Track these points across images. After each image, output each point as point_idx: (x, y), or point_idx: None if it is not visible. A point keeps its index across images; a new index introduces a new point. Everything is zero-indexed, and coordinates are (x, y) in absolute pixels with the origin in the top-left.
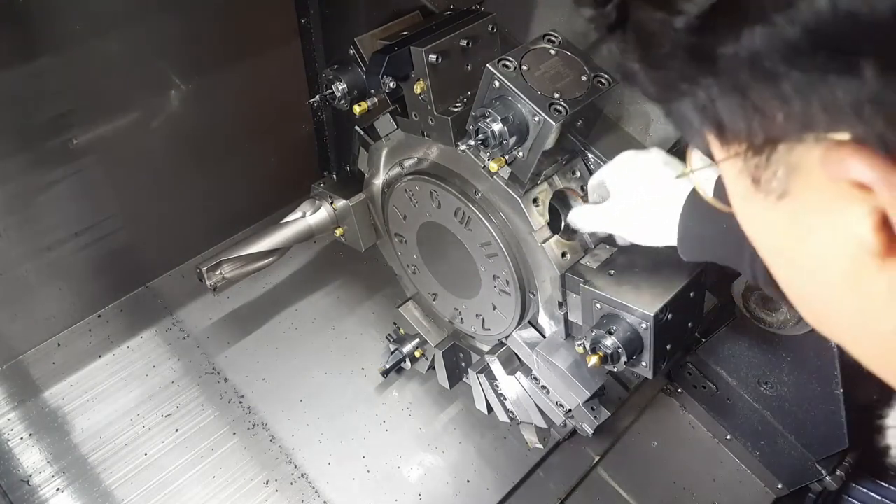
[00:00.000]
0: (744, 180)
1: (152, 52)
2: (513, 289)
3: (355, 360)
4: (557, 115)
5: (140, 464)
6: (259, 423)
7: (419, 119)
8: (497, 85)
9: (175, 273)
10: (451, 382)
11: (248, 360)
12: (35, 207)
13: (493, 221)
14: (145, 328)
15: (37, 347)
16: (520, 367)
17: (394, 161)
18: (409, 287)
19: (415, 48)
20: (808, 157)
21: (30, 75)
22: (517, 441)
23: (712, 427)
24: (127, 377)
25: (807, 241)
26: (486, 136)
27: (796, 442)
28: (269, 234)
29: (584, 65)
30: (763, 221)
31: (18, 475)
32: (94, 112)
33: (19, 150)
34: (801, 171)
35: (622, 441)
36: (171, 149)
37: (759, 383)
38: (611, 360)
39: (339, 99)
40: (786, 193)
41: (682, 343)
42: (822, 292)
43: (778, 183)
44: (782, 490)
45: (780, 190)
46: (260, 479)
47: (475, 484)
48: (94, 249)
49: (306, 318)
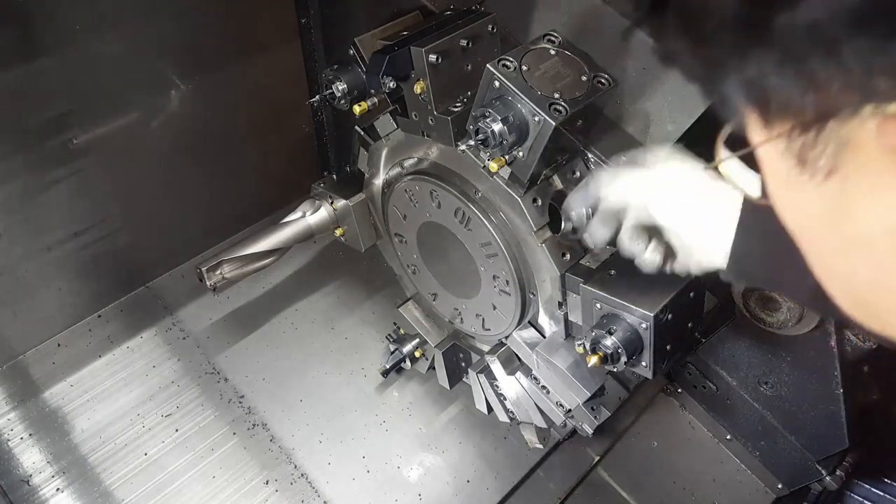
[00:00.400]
0: (787, 161)
1: (152, 52)
2: (513, 289)
3: (355, 360)
4: (557, 115)
5: (140, 464)
6: (259, 423)
7: (419, 119)
8: (497, 85)
9: (175, 273)
10: (451, 382)
11: (248, 360)
12: (35, 207)
13: (493, 221)
14: (145, 328)
15: (37, 347)
16: (520, 367)
17: (394, 161)
18: (409, 287)
19: (415, 48)
20: (861, 131)
21: (30, 75)
22: (517, 441)
23: (712, 427)
24: (127, 377)
25: (855, 218)
26: (486, 136)
27: (796, 442)
28: (269, 234)
29: (584, 65)
30: (805, 203)
31: (18, 475)
32: (94, 112)
33: (19, 150)
34: (852, 147)
35: (622, 441)
36: (170, 149)
37: (759, 383)
38: (611, 360)
39: (339, 99)
40: (834, 171)
41: (682, 343)
42: (869, 271)
43: (826, 160)
44: (782, 490)
45: (828, 168)
46: (260, 479)
47: (475, 484)
48: (94, 249)
49: (306, 318)
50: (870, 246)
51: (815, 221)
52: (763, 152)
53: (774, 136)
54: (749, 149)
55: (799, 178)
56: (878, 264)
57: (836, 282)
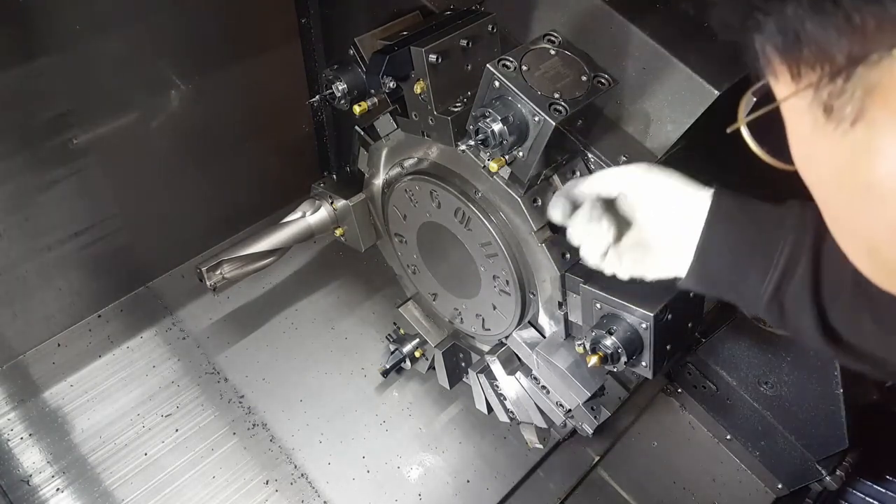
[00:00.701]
0: (812, 113)
1: (152, 52)
2: (513, 289)
3: (355, 360)
4: (557, 115)
5: (140, 464)
6: (259, 423)
7: (419, 119)
8: (497, 85)
9: (175, 273)
10: (451, 382)
11: (248, 360)
12: (35, 207)
13: (493, 221)
14: (145, 328)
15: (37, 347)
16: (520, 367)
17: (394, 161)
18: (409, 287)
19: (415, 48)
20: (890, 74)
21: (30, 75)
22: (517, 441)
23: (712, 427)
24: (127, 377)
25: (880, 163)
26: (486, 136)
27: (796, 442)
28: (269, 234)
29: (584, 65)
30: (829, 155)
31: (18, 475)
32: (94, 112)
33: (19, 150)
34: (880, 90)
35: (622, 441)
36: (170, 149)
37: (759, 383)
38: (611, 360)
39: (339, 99)
40: (861, 117)
41: (682, 343)
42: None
43: (853, 106)
44: (782, 490)
45: (854, 114)
46: (260, 479)
47: (475, 484)
48: (94, 249)
49: (306, 318)
50: (893, 193)
51: (838, 173)
52: (789, 106)
53: (803, 88)
54: (776, 103)
55: (824, 129)
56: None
57: (855, 238)
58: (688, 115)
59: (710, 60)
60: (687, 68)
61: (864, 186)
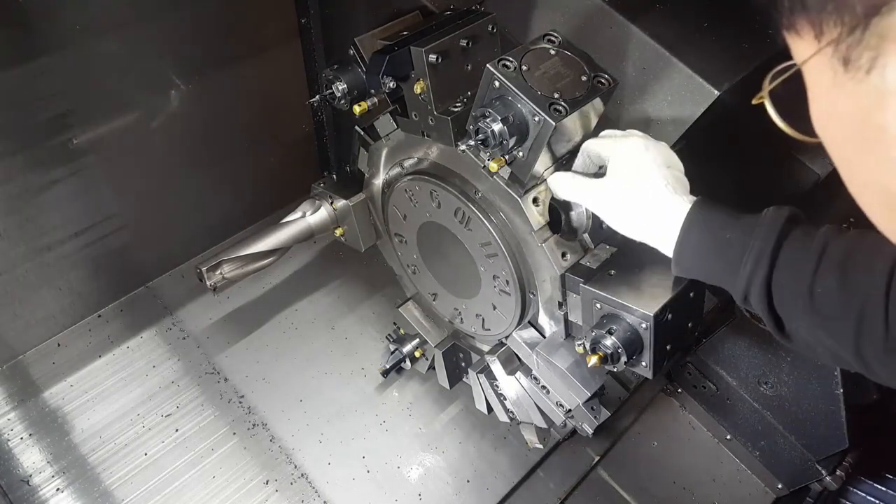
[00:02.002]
0: (833, 68)
1: (152, 52)
2: (513, 289)
3: (355, 360)
4: (557, 115)
5: (140, 464)
6: (259, 423)
7: (419, 119)
8: (497, 85)
9: (175, 273)
10: (451, 382)
11: (248, 360)
12: (35, 207)
13: (493, 221)
14: (145, 328)
15: (37, 347)
16: (520, 367)
17: (394, 161)
18: (409, 287)
19: (415, 48)
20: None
21: (30, 75)
22: (517, 441)
23: (712, 427)
24: (127, 377)
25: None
26: (486, 136)
27: (796, 442)
28: (269, 234)
29: (584, 65)
30: (846, 106)
31: (18, 475)
32: (94, 112)
33: (19, 150)
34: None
35: (622, 441)
36: (170, 149)
37: (759, 383)
38: (611, 360)
39: (339, 99)
40: (875, 64)
41: (682, 343)
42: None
43: (868, 55)
44: (782, 490)
45: (869, 63)
46: (260, 479)
47: (475, 484)
48: (94, 249)
49: (306, 318)
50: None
51: (854, 123)
52: (810, 66)
53: (824, 46)
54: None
55: (843, 82)
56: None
57: (870, 189)
58: (688, 115)
59: (710, 60)
60: (687, 68)
61: (877, 130)
